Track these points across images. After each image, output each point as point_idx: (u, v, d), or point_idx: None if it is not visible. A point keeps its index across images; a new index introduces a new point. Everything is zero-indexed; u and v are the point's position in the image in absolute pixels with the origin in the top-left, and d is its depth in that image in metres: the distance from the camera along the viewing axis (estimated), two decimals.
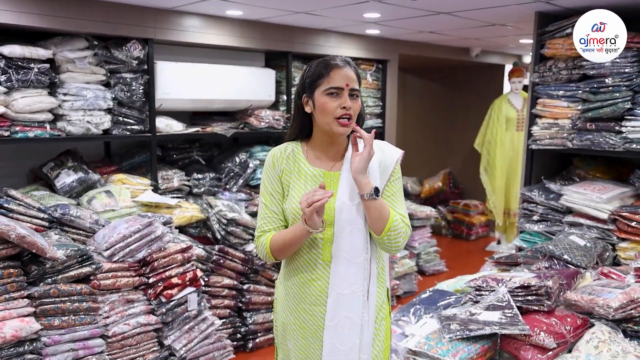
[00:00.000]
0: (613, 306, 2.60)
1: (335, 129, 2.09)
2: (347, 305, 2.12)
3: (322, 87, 2.09)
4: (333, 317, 2.12)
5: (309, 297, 2.16)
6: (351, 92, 2.10)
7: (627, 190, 3.80)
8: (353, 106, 2.09)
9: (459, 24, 4.91)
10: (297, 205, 2.10)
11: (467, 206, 7.98)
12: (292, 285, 2.21)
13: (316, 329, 2.17)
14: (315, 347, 2.18)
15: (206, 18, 4.49)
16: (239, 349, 4.33)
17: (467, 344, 2.60)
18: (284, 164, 2.19)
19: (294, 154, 2.21)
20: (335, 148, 2.20)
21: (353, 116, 2.10)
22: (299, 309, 2.19)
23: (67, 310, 3.08)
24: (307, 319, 2.18)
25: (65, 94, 3.82)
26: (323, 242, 2.13)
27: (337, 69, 2.09)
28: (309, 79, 2.14)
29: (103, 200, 3.84)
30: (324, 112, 2.09)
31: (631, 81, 3.58)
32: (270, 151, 2.24)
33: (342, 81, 2.08)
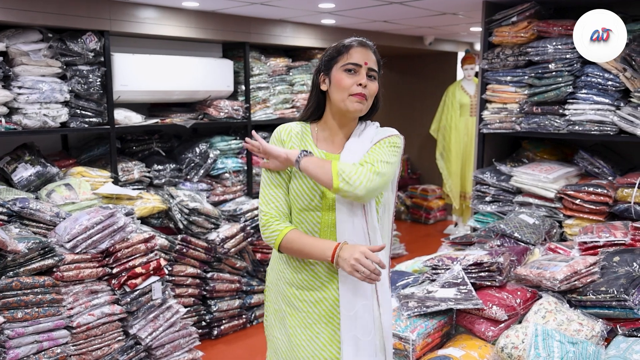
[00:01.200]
0: (559, 278, 2.74)
1: (349, 105, 2.05)
2: (361, 293, 2.06)
3: (340, 63, 2.07)
4: (350, 308, 2.05)
5: (301, 281, 2.13)
6: (369, 73, 2.07)
7: (572, 170, 3.97)
8: (369, 86, 2.06)
9: (411, 13, 5.00)
10: (298, 188, 2.08)
11: (425, 191, 8.14)
12: (283, 269, 2.18)
13: (310, 316, 2.12)
14: (317, 335, 2.12)
15: (162, 9, 4.50)
16: (204, 336, 4.38)
17: (425, 320, 2.70)
18: (291, 140, 2.13)
19: (302, 133, 2.16)
20: (344, 130, 2.16)
21: (368, 97, 2.07)
22: (290, 294, 2.16)
23: (30, 302, 3.07)
24: (298, 305, 2.13)
25: (20, 87, 3.78)
26: (320, 227, 2.10)
27: (357, 47, 2.08)
28: (328, 57, 2.12)
29: (63, 193, 3.82)
30: (340, 88, 2.05)
31: (572, 66, 3.73)
32: (278, 128, 2.18)
33: (361, 59, 2.05)
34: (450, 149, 7.10)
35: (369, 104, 2.10)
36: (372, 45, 2.13)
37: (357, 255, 1.88)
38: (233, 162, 5.07)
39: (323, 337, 2.12)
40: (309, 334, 2.13)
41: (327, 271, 2.11)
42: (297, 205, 2.10)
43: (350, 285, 2.06)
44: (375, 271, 1.88)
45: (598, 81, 3.63)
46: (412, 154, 8.78)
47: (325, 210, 2.08)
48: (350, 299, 2.06)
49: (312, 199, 2.08)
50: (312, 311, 2.13)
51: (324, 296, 2.12)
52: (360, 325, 2.07)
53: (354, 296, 2.06)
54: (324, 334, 2.12)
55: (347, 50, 2.07)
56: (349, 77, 2.04)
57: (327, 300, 2.12)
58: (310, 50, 5.81)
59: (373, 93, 2.09)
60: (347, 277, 2.04)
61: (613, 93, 3.61)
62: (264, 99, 5.34)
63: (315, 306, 2.13)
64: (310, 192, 2.07)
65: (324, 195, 2.07)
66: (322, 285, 2.12)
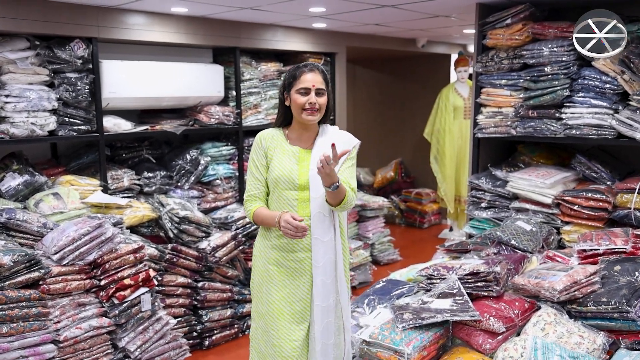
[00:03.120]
0: (558, 289, 2.69)
1: (304, 117, 2.71)
2: (327, 249, 2.72)
3: (295, 87, 2.71)
4: (318, 260, 2.71)
5: (285, 245, 2.74)
6: (317, 91, 2.70)
7: (569, 175, 3.90)
8: (319, 101, 2.70)
9: (403, 15, 4.95)
10: (278, 172, 2.73)
11: (419, 195, 8.10)
12: (270, 237, 2.78)
13: (302, 270, 2.74)
14: (301, 283, 2.75)
15: (151, 15, 4.43)
16: (195, 347, 4.31)
17: (420, 332, 2.64)
18: (269, 142, 2.80)
19: (277, 136, 2.83)
20: (308, 132, 2.81)
21: (320, 109, 2.72)
22: (278, 257, 2.76)
23: (15, 317, 3.03)
24: (285, 264, 2.75)
25: (8, 95, 3.73)
26: (298, 202, 2.72)
27: (306, 73, 2.70)
28: (287, 80, 2.75)
29: (51, 203, 3.76)
30: (296, 106, 2.71)
31: (568, 69, 3.68)
32: (258, 134, 2.86)
33: (309, 83, 2.68)
34: (445, 152, 7.05)
35: (322, 112, 2.75)
36: (320, 67, 2.76)
37: (283, 223, 2.58)
38: (224, 169, 5.00)
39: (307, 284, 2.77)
40: (295, 284, 2.77)
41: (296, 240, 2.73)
42: (278, 187, 2.74)
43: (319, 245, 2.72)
44: (297, 230, 2.54)
45: (595, 84, 3.58)
46: (405, 157, 8.73)
47: (301, 190, 2.72)
48: (319, 254, 2.72)
49: (290, 183, 2.72)
50: (297, 267, 2.76)
51: (304, 256, 2.76)
52: (323, 272, 2.73)
53: (322, 253, 2.72)
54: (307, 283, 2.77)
55: (299, 76, 2.71)
56: (302, 97, 2.70)
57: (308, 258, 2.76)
58: (301, 54, 5.76)
59: (322, 105, 2.73)
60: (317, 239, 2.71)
61: (611, 96, 3.56)
62: (255, 104, 5.27)
63: (298, 263, 2.76)
64: (289, 178, 2.72)
65: (299, 179, 2.71)
66: (303, 247, 2.75)
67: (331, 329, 2.76)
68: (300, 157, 2.76)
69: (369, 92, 9.08)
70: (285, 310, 2.75)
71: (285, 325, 2.74)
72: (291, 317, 2.75)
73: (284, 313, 2.75)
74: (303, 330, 2.76)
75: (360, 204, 6.10)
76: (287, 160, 2.75)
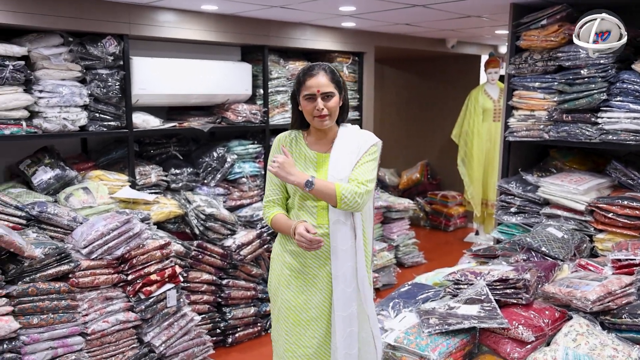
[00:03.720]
0: (591, 299, 2.63)
1: (316, 124, 2.61)
2: (347, 258, 2.62)
3: (301, 94, 2.59)
4: (338, 269, 2.62)
5: (305, 252, 2.63)
6: (324, 95, 2.56)
7: (604, 182, 3.82)
8: (327, 105, 2.57)
9: (434, 15, 4.91)
10: None
11: (445, 197, 8.03)
12: (289, 243, 2.70)
13: (319, 277, 2.66)
14: (318, 290, 2.67)
15: (181, 13, 4.45)
16: (219, 344, 4.32)
17: (446, 338, 2.61)
18: (287, 146, 2.70)
19: (296, 139, 2.73)
20: (326, 135, 2.70)
21: (331, 112, 2.59)
22: (296, 262, 2.68)
23: (45, 308, 3.06)
24: (303, 270, 2.68)
25: (41, 90, 3.78)
26: (317, 210, 2.64)
27: (310, 78, 2.57)
28: (295, 86, 2.64)
29: (80, 197, 3.80)
30: (305, 112, 2.61)
31: (606, 72, 3.60)
32: (277, 136, 2.77)
33: (314, 88, 2.55)
34: (472, 154, 6.97)
35: (333, 116, 2.62)
36: (327, 67, 2.61)
37: (297, 236, 2.53)
38: (250, 167, 5.01)
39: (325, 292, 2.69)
40: (313, 290, 2.69)
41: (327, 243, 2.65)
42: (298, 193, 2.65)
43: (339, 253, 2.63)
44: (312, 243, 2.50)
45: (635, 88, 3.49)
46: (432, 159, 8.66)
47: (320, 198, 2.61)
48: (339, 263, 2.63)
49: None
50: (316, 273, 2.68)
51: (323, 263, 2.68)
52: (343, 281, 2.64)
53: (342, 262, 2.63)
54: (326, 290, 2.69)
55: (303, 82, 2.58)
56: (309, 104, 2.58)
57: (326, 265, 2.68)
58: (329, 54, 5.74)
59: (332, 108, 2.59)
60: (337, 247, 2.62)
61: None
62: (282, 103, 5.27)
63: (318, 270, 2.68)
64: None
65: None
66: (321, 254, 2.67)
67: (354, 338, 2.68)
68: (319, 162, 2.68)
69: (397, 93, 9.03)
70: (300, 316, 2.70)
71: (299, 332, 2.70)
72: (306, 324, 2.69)
73: (299, 319, 2.70)
74: (317, 338, 2.69)
75: (386, 205, 6.06)
76: (305, 167, 2.67)
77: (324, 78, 2.57)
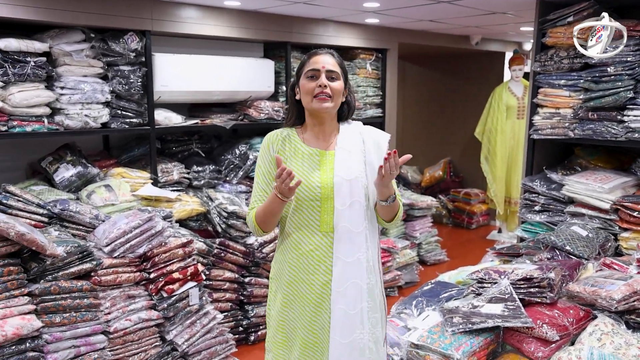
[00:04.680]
0: (616, 298, 2.58)
1: (314, 105, 2.30)
2: (353, 272, 2.32)
3: (303, 72, 2.35)
4: (340, 284, 2.31)
5: (308, 267, 2.35)
6: (329, 75, 2.31)
7: (629, 180, 3.77)
8: (331, 85, 2.30)
9: (459, 12, 4.87)
10: (303, 177, 2.31)
11: (467, 195, 7.98)
12: (289, 258, 2.39)
13: (321, 297, 2.34)
14: (320, 313, 2.35)
15: (204, 9, 4.46)
16: (241, 342, 4.32)
17: (470, 337, 2.58)
18: (279, 145, 2.39)
19: (289, 137, 2.42)
20: (326, 129, 2.41)
21: (333, 95, 2.31)
22: (299, 280, 2.37)
23: (68, 307, 3.07)
24: (308, 289, 2.35)
25: (63, 87, 3.80)
26: (320, 214, 2.32)
27: (315, 55, 2.34)
28: (297, 70, 2.40)
29: (103, 195, 3.82)
30: (305, 92, 2.32)
31: (633, 70, 3.54)
32: (267, 135, 2.45)
33: (319, 64, 2.31)
34: (496, 152, 6.92)
35: (336, 101, 2.35)
36: (333, 53, 2.39)
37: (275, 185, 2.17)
38: None
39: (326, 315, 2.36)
40: (312, 312, 2.37)
41: (327, 256, 2.34)
42: (296, 198, 2.31)
43: (341, 265, 2.32)
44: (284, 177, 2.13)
45: None
46: (455, 156, 8.61)
47: (324, 200, 2.32)
48: (341, 277, 2.32)
49: (311, 191, 2.31)
50: (318, 292, 2.36)
51: (327, 279, 2.35)
52: (346, 301, 2.33)
53: (345, 276, 2.32)
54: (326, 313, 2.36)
55: (308, 59, 2.36)
56: (311, 82, 2.31)
57: (329, 283, 2.35)
58: (353, 50, 5.72)
59: (337, 91, 2.32)
60: (339, 257, 2.32)
61: None
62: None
63: (320, 288, 2.35)
64: (309, 186, 2.31)
65: (322, 187, 2.31)
66: (326, 269, 2.34)
67: None
68: (321, 160, 2.37)
69: (419, 89, 8.98)
70: (298, 341, 2.39)
71: (297, 358, 2.40)
72: (306, 349, 2.38)
73: (298, 345, 2.39)
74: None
75: (408, 202, 6.04)
76: (304, 166, 2.35)
77: (331, 58, 2.35)
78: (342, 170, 2.33)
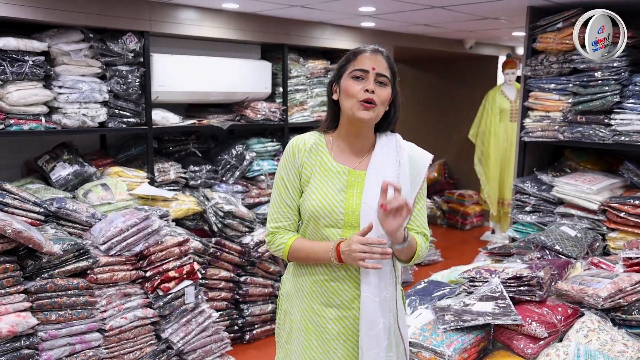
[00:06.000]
0: (602, 296, 2.64)
1: (357, 113, 1.98)
2: (382, 313, 2.02)
3: (348, 70, 2.02)
4: (370, 327, 2.01)
5: (321, 297, 2.07)
6: (378, 78, 2.00)
7: (617, 182, 3.85)
8: (379, 92, 1.99)
9: (452, 17, 4.92)
10: (317, 203, 2.02)
11: (462, 196, 8.03)
12: (302, 282, 2.12)
13: (329, 332, 2.07)
14: (341, 349, 2.08)
15: (202, 11, 4.50)
16: (236, 340, 4.36)
17: (461, 335, 2.62)
18: (305, 157, 2.08)
19: (317, 146, 2.10)
20: (361, 141, 2.10)
21: (379, 104, 2.00)
22: (308, 308, 2.10)
23: (63, 304, 3.08)
24: (317, 320, 2.09)
25: (61, 86, 3.81)
26: None
27: (365, 53, 2.02)
28: (338, 66, 2.08)
29: (99, 194, 3.84)
30: (347, 95, 2.00)
31: (619, 75, 3.62)
32: (292, 140, 2.12)
33: (369, 64, 1.99)
34: (489, 154, 6.98)
35: (379, 112, 2.03)
36: (385, 51, 2.07)
37: (354, 246, 1.88)
38: (269, 165, 5.05)
39: (340, 353, 2.08)
40: (326, 348, 2.09)
41: (347, 289, 2.06)
42: (314, 221, 2.04)
43: (371, 305, 2.01)
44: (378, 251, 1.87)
45: None
46: (449, 158, 8.67)
47: (346, 228, 2.02)
48: (372, 319, 2.02)
49: (332, 217, 2.01)
50: (332, 327, 2.08)
51: (345, 314, 2.07)
52: (381, 343, 2.04)
53: (375, 316, 2.02)
54: (341, 351, 2.08)
55: (355, 57, 2.03)
56: (357, 84, 1.99)
57: (349, 318, 2.08)
58: None
59: (384, 99, 2.02)
60: (368, 296, 2.01)
61: None
62: (301, 102, 5.30)
63: (335, 323, 2.08)
64: (331, 210, 2.01)
65: (346, 213, 2.00)
66: (342, 303, 2.07)
67: None
68: (349, 181, 2.04)
69: (414, 92, 9.03)
70: None
71: None
72: None
73: None
74: None
75: None
76: (329, 185, 2.03)
77: (382, 59, 2.03)
78: (371, 197, 1.98)
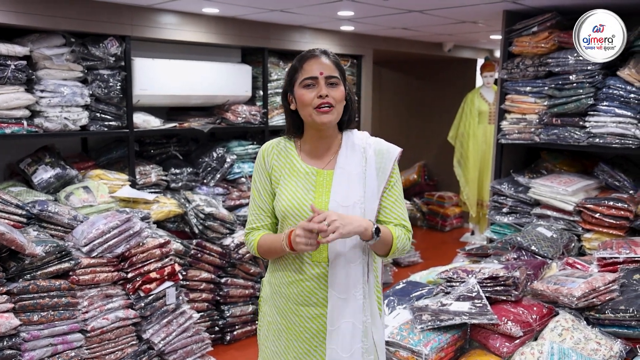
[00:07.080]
0: (576, 295, 2.70)
1: (316, 118, 2.02)
2: (347, 310, 2.04)
3: (298, 81, 2.04)
4: (334, 322, 2.04)
5: (296, 297, 2.10)
6: (329, 81, 2.02)
7: (592, 183, 3.92)
8: (332, 94, 2.01)
9: (430, 21, 4.98)
10: (287, 203, 2.06)
11: (441, 198, 8.10)
12: (278, 284, 2.15)
13: (316, 331, 2.09)
14: (314, 348, 2.10)
15: (183, 15, 4.52)
16: (217, 341, 4.38)
17: (438, 334, 2.67)
18: (274, 160, 2.14)
19: (286, 149, 2.15)
20: (326, 142, 2.13)
21: (336, 104, 2.03)
22: (286, 309, 2.13)
23: (46, 305, 3.09)
24: (295, 320, 2.11)
25: (43, 90, 3.82)
26: None
27: (309, 59, 2.04)
28: (288, 77, 2.10)
29: (81, 196, 3.84)
30: (303, 105, 2.03)
31: (593, 78, 3.69)
32: (262, 146, 2.19)
33: (316, 70, 2.01)
34: (468, 156, 7.04)
35: (339, 110, 2.07)
36: (328, 52, 2.10)
37: (297, 230, 1.91)
38: (250, 167, 5.07)
39: (321, 351, 2.11)
40: (306, 348, 2.12)
41: (321, 287, 2.09)
42: (287, 221, 2.08)
43: (336, 303, 2.05)
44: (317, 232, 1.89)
45: (620, 93, 3.59)
46: (429, 160, 8.74)
47: None
48: (335, 315, 2.05)
49: (302, 217, 2.04)
50: (311, 326, 2.11)
51: (323, 312, 2.09)
52: (340, 341, 2.06)
53: (339, 313, 2.05)
54: (320, 349, 2.11)
55: (301, 65, 2.05)
56: (309, 91, 2.02)
57: (324, 316, 2.09)
58: None
59: (339, 99, 2.05)
60: (334, 294, 2.05)
61: (635, 106, 3.57)
62: (281, 104, 5.31)
63: (314, 321, 2.11)
64: (300, 210, 2.06)
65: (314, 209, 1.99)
66: (318, 301, 2.09)
67: None
68: (318, 181, 2.09)
69: (394, 95, 9.09)
70: None
71: None
72: None
73: None
74: None
75: None
76: (299, 186, 2.08)
77: (328, 61, 2.05)
78: (339, 195, 2.04)
